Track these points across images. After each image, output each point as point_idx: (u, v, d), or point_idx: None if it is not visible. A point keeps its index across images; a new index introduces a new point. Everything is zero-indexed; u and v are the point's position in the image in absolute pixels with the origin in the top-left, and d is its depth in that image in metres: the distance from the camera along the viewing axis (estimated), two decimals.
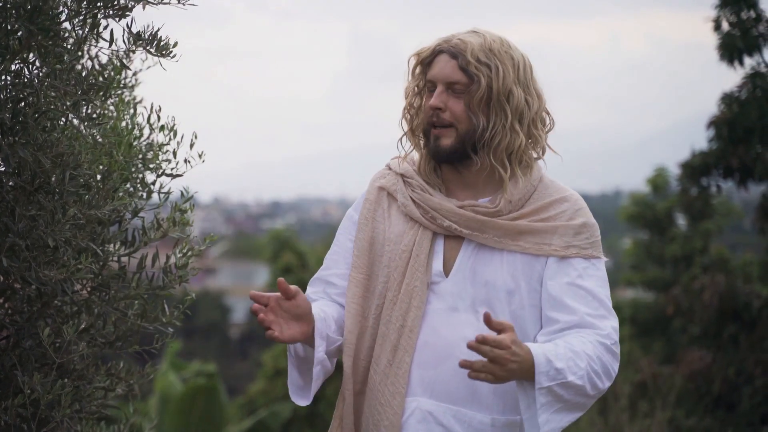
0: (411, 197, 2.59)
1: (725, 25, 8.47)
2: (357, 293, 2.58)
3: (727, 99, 8.63)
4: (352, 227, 2.66)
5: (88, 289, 2.71)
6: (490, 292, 2.51)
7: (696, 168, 8.95)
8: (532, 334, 2.53)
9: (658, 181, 13.65)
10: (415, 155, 2.66)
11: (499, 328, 2.33)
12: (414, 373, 2.51)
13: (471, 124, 2.52)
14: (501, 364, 2.31)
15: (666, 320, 10.64)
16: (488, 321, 2.32)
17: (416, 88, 2.59)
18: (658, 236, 13.24)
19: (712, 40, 8.52)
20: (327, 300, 2.64)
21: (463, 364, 2.32)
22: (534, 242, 2.52)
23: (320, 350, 2.51)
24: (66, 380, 2.62)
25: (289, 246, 18.58)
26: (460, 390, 2.50)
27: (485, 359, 2.31)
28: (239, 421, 15.55)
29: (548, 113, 2.60)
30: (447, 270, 2.56)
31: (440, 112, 2.53)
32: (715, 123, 8.67)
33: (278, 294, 2.44)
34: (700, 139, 9.25)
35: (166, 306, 2.83)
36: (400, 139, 2.64)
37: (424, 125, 2.57)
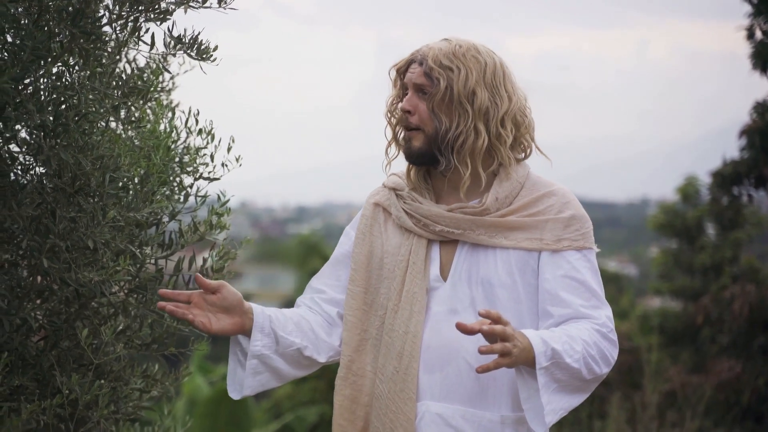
0: (403, 209, 2.66)
1: (758, 34, 8.40)
2: (354, 305, 2.66)
3: (760, 108, 8.57)
4: (347, 242, 2.76)
5: (126, 291, 2.72)
6: (488, 290, 2.56)
7: (727, 177, 8.91)
8: (530, 327, 2.56)
9: (688, 190, 13.52)
10: (405, 167, 2.72)
11: (498, 320, 2.35)
12: (421, 378, 2.55)
13: (434, 125, 2.58)
14: (508, 354, 2.34)
15: (695, 330, 10.56)
16: (487, 315, 2.34)
17: (397, 97, 2.66)
18: (687, 245, 13.13)
19: (744, 49, 8.46)
20: (311, 308, 2.72)
21: (482, 370, 2.34)
22: (525, 237, 2.58)
23: (257, 344, 2.58)
24: (103, 381, 2.64)
25: (316, 251, 18.63)
26: (467, 390, 2.53)
27: (495, 357, 2.34)
28: (265, 425, 15.57)
29: (524, 114, 2.62)
30: (444, 275, 2.61)
31: (409, 115, 2.60)
32: (747, 132, 8.61)
33: (198, 291, 2.53)
34: (729, 149, 9.20)
35: None
36: (387, 147, 2.68)
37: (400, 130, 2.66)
